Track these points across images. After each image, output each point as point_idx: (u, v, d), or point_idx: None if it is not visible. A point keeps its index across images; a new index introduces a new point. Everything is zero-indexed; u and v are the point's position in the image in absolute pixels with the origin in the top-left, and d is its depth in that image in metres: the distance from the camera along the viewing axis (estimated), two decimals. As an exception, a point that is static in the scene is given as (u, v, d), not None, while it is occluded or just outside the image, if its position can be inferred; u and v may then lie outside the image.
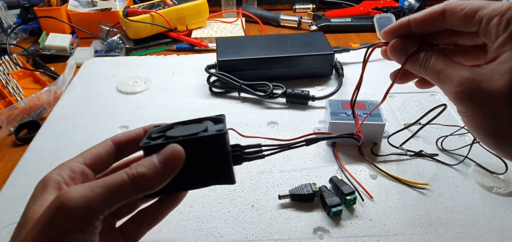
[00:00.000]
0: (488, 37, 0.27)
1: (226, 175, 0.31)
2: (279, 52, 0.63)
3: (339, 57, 0.70)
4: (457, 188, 0.44)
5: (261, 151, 0.33)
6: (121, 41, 0.81)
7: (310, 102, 0.59)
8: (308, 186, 0.42)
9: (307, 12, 1.00)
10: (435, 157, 0.48)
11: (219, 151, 0.29)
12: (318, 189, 0.42)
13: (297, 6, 1.01)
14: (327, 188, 0.43)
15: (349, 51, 0.71)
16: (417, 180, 0.45)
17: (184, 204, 0.42)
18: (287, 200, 0.42)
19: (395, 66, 0.33)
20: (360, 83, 0.36)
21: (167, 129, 0.32)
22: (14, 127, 0.56)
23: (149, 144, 0.27)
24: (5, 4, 0.91)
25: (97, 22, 0.84)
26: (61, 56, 0.79)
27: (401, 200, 0.42)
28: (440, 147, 0.49)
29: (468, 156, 0.47)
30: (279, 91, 0.58)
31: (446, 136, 0.49)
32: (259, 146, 0.33)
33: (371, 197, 0.43)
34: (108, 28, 0.84)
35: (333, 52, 0.64)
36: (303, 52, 0.63)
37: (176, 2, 0.85)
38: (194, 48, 0.81)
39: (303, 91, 0.58)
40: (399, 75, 0.34)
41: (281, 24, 0.93)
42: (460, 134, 0.50)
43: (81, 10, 0.87)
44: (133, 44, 0.81)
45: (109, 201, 0.25)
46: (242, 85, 0.59)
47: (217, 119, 0.33)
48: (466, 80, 0.27)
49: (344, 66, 0.66)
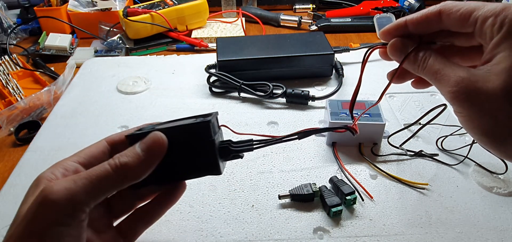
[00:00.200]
0: (483, 38, 0.27)
1: (212, 165, 0.31)
2: (279, 52, 0.63)
3: (339, 57, 0.70)
4: (457, 188, 0.44)
5: (251, 144, 0.33)
6: (121, 41, 0.81)
7: (310, 102, 0.59)
8: (308, 186, 0.42)
9: (307, 12, 1.00)
10: (435, 157, 0.48)
11: (204, 139, 0.29)
12: (318, 189, 0.42)
13: (297, 6, 1.01)
14: (327, 188, 0.43)
15: (349, 51, 0.71)
16: (417, 180, 0.45)
17: (184, 204, 0.42)
18: (287, 200, 0.42)
19: (393, 66, 0.33)
20: (358, 86, 0.36)
21: (159, 124, 0.32)
22: (14, 127, 0.56)
23: (132, 133, 0.27)
24: (5, 4, 0.91)
25: (97, 22, 0.84)
26: (61, 56, 0.79)
27: (401, 200, 0.42)
28: (440, 147, 0.49)
29: (468, 156, 0.47)
30: (279, 91, 0.58)
31: (446, 136, 0.49)
32: (249, 141, 0.33)
33: (371, 197, 0.43)
34: (108, 28, 0.84)
35: (333, 52, 0.64)
36: (303, 52, 0.63)
37: (176, 2, 0.85)
38: (194, 48, 0.81)
39: (303, 91, 0.58)
40: (397, 75, 0.34)
41: (281, 24, 0.93)
42: (460, 134, 0.50)
43: (81, 10, 0.87)
44: (133, 44, 0.81)
45: (93, 192, 0.25)
46: (242, 85, 0.59)
47: (209, 114, 0.33)
48: (462, 81, 0.27)
49: (344, 66, 0.66)
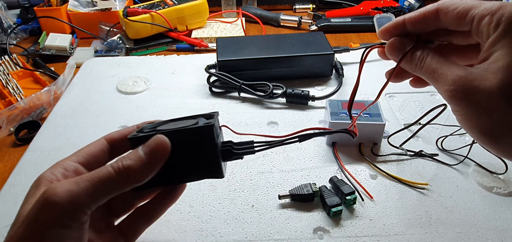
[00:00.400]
0: (480, 36, 0.27)
1: (214, 168, 0.31)
2: (279, 52, 0.63)
3: (339, 57, 0.70)
4: (457, 188, 0.44)
5: (252, 146, 0.33)
6: (121, 41, 0.81)
7: (310, 102, 0.59)
8: (308, 186, 0.42)
9: (307, 12, 1.00)
10: (435, 157, 0.48)
11: (207, 143, 0.29)
12: (318, 189, 0.42)
13: (297, 6, 1.01)
14: (327, 188, 0.43)
15: (349, 51, 0.71)
16: (417, 180, 0.45)
17: (184, 204, 0.42)
18: (287, 200, 0.42)
19: (393, 65, 0.33)
20: (357, 85, 0.36)
21: (160, 124, 0.32)
22: (14, 127, 0.56)
23: (135, 136, 0.27)
24: (5, 4, 0.91)
25: (97, 22, 0.84)
26: (61, 56, 0.79)
27: (401, 200, 0.42)
28: (440, 147, 0.49)
29: (468, 156, 0.47)
30: (279, 91, 0.58)
31: (446, 136, 0.49)
32: (251, 143, 0.33)
33: (371, 197, 0.43)
34: (108, 28, 0.84)
35: (333, 52, 0.64)
36: (303, 52, 0.63)
37: (176, 2, 0.85)
38: (194, 48, 0.81)
39: (303, 91, 0.58)
40: (395, 74, 0.34)
41: (281, 24, 0.93)
42: (460, 134, 0.50)
43: (81, 10, 0.87)
44: (133, 44, 0.81)
45: (95, 195, 0.25)
46: (242, 85, 0.59)
47: (210, 115, 0.33)
48: (460, 79, 0.27)
49: (344, 66, 0.66)
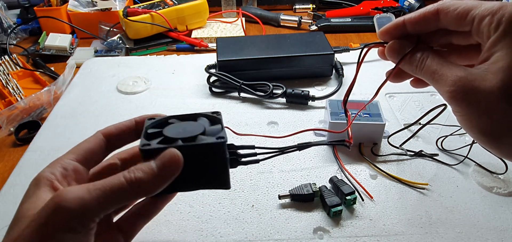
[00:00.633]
0: (480, 37, 0.27)
1: (222, 181, 0.31)
2: (279, 52, 0.63)
3: (339, 57, 0.70)
4: (457, 188, 0.44)
5: (255, 155, 0.34)
6: (121, 41, 0.81)
7: (310, 102, 0.59)
8: (308, 186, 0.42)
9: (307, 12, 1.00)
10: (435, 157, 0.48)
11: (218, 158, 0.29)
12: (318, 189, 0.42)
13: (297, 6, 1.01)
14: (327, 188, 0.43)
15: (349, 51, 0.71)
16: (417, 180, 0.45)
17: (184, 204, 0.42)
18: (287, 200, 0.42)
19: (393, 65, 0.33)
20: (353, 82, 0.36)
21: (163, 123, 0.32)
22: (14, 127, 0.56)
23: (148, 148, 0.27)
24: (5, 4, 0.91)
25: (97, 22, 0.84)
26: (61, 56, 0.79)
27: (401, 200, 0.42)
28: (440, 147, 0.49)
29: (468, 156, 0.47)
30: (279, 91, 0.58)
31: (446, 136, 0.49)
32: (252, 147, 0.34)
33: (371, 197, 0.43)
34: (108, 28, 0.84)
35: (333, 52, 0.64)
36: (303, 52, 0.63)
37: (176, 2, 0.85)
38: (194, 48, 0.81)
39: (303, 91, 0.58)
40: (394, 74, 0.34)
41: (281, 24, 0.93)
42: (460, 134, 0.50)
43: (81, 10, 0.87)
44: (133, 44, 0.81)
45: (105, 204, 0.25)
46: (242, 85, 0.59)
47: (214, 119, 0.33)
48: (460, 80, 0.27)
49: (344, 66, 0.66)
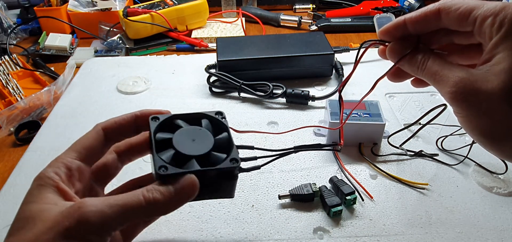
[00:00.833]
0: (482, 37, 0.27)
1: (228, 193, 0.33)
2: (279, 52, 0.63)
3: (339, 57, 0.70)
4: (457, 188, 0.44)
5: (255, 158, 0.36)
6: (121, 41, 0.81)
7: (310, 102, 0.59)
8: (308, 186, 0.42)
9: (307, 12, 1.00)
10: (435, 157, 0.48)
11: (229, 177, 0.32)
12: (318, 189, 0.42)
13: (297, 6, 1.01)
14: (327, 188, 0.43)
15: (349, 51, 0.71)
16: (417, 180, 0.45)
17: (184, 204, 0.42)
18: (287, 200, 0.42)
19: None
20: (350, 75, 0.36)
21: (169, 125, 0.33)
22: (14, 127, 0.56)
23: (166, 174, 0.28)
24: (5, 4, 0.91)
25: (97, 22, 0.84)
26: (61, 56, 0.79)
27: (401, 200, 0.42)
28: (440, 147, 0.49)
29: (468, 156, 0.47)
30: (279, 91, 0.58)
31: (446, 136, 0.49)
32: (252, 148, 0.36)
33: (371, 197, 0.43)
34: (108, 28, 0.84)
35: (333, 52, 0.64)
36: (303, 52, 0.63)
37: (176, 2, 0.85)
38: (194, 48, 0.81)
39: (303, 91, 0.58)
40: (395, 74, 0.34)
41: (281, 24, 0.93)
42: (460, 134, 0.50)
43: (81, 10, 0.87)
44: (133, 44, 0.81)
45: (123, 219, 0.26)
46: (242, 85, 0.59)
47: (219, 123, 0.34)
48: (461, 81, 0.27)
49: (344, 66, 0.66)
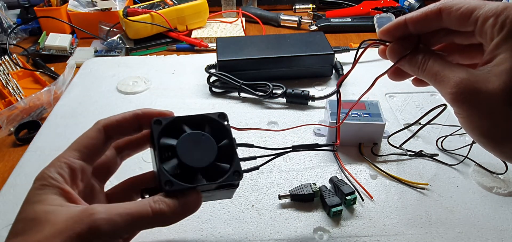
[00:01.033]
0: (483, 38, 0.27)
1: (227, 197, 0.35)
2: (279, 52, 0.63)
3: (339, 57, 0.70)
4: (457, 188, 0.44)
5: (254, 158, 0.36)
6: (121, 41, 0.81)
7: (310, 102, 0.59)
8: (308, 186, 0.42)
9: (307, 12, 1.00)
10: (435, 157, 0.48)
11: (231, 186, 0.32)
12: (318, 189, 0.42)
13: (297, 6, 1.01)
14: (327, 188, 0.43)
15: (349, 51, 0.71)
16: (417, 180, 0.45)
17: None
18: (287, 200, 0.42)
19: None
20: (350, 71, 0.36)
21: (172, 129, 0.33)
22: (14, 127, 0.56)
23: (173, 190, 0.29)
24: (5, 4, 0.91)
25: (97, 22, 0.84)
26: (61, 56, 0.79)
27: (401, 200, 0.42)
28: (440, 147, 0.49)
29: (468, 156, 0.47)
30: (279, 91, 0.58)
31: (446, 136, 0.49)
32: (251, 146, 0.37)
33: (371, 197, 0.43)
34: (108, 28, 0.84)
35: (333, 52, 0.64)
36: (303, 52, 0.63)
37: (176, 2, 0.85)
38: (194, 48, 0.81)
39: (303, 91, 0.58)
40: (396, 73, 0.34)
41: (281, 24, 0.93)
42: (460, 134, 0.50)
43: (81, 10, 0.87)
44: (133, 44, 0.81)
45: (132, 228, 0.27)
46: (242, 85, 0.59)
47: (221, 127, 0.33)
48: (462, 81, 0.27)
49: (344, 66, 0.66)
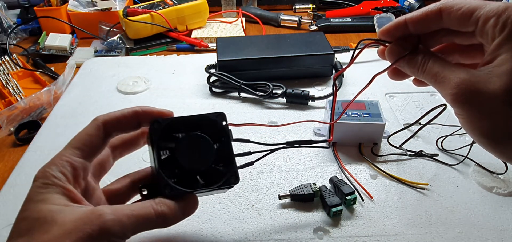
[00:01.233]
0: (484, 38, 0.27)
1: (223, 192, 0.38)
2: (279, 52, 0.63)
3: (339, 57, 0.70)
4: (457, 188, 0.44)
5: (249, 153, 0.38)
6: (121, 41, 0.81)
7: (310, 102, 0.59)
8: (308, 186, 0.42)
9: (307, 12, 1.00)
10: (435, 157, 0.48)
11: (227, 187, 0.34)
12: (318, 189, 0.42)
13: (297, 6, 1.01)
14: (327, 188, 0.43)
15: (349, 51, 0.71)
16: (417, 180, 0.45)
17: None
18: (287, 200, 0.42)
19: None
20: (348, 66, 0.36)
21: (170, 129, 0.34)
22: (14, 127, 0.56)
23: (173, 194, 0.31)
24: (5, 4, 0.91)
25: (97, 22, 0.84)
26: (61, 56, 0.79)
27: (401, 200, 0.42)
28: (440, 147, 0.49)
29: (468, 156, 0.47)
30: (279, 91, 0.58)
31: (446, 136, 0.49)
32: (247, 141, 0.38)
33: (371, 197, 0.43)
34: (108, 28, 0.84)
35: (333, 52, 0.64)
36: (303, 52, 0.63)
37: (176, 2, 0.85)
38: (194, 48, 0.81)
39: (303, 91, 0.58)
40: (396, 73, 0.34)
41: (281, 24, 0.93)
42: (460, 134, 0.50)
43: (81, 10, 0.87)
44: (133, 44, 0.81)
45: (136, 229, 0.28)
46: (242, 85, 0.59)
47: (220, 130, 0.34)
48: (462, 82, 0.26)
49: (344, 66, 0.66)
